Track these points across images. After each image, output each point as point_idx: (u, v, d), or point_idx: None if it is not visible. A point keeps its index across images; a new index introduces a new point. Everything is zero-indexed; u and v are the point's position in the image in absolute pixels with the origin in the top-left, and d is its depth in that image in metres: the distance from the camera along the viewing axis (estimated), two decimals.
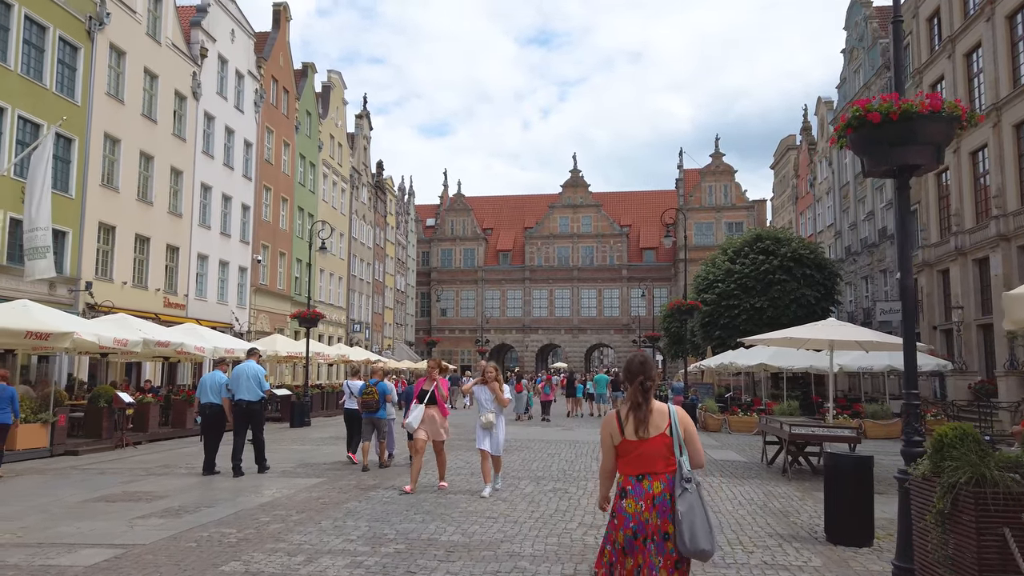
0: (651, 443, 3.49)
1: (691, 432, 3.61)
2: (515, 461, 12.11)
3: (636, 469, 3.50)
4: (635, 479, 3.49)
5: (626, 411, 3.58)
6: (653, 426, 3.51)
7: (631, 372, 3.65)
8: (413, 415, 8.90)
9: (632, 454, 3.51)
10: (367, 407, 11.18)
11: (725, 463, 12.16)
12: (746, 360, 20.38)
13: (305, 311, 20.91)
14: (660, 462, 3.49)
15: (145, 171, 26.14)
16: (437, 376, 9.30)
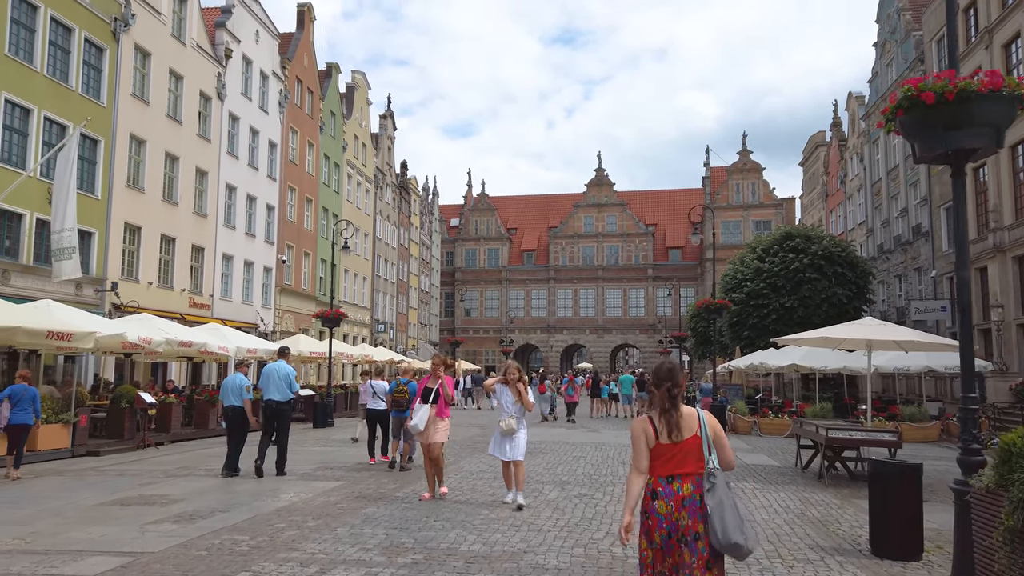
0: (684, 446, 3.63)
1: (720, 434, 3.75)
2: (539, 465, 11.80)
3: (667, 471, 3.61)
4: (665, 481, 3.60)
5: (657, 416, 3.70)
6: (686, 429, 3.66)
7: (659, 378, 3.77)
8: (418, 416, 8.38)
9: (665, 456, 3.63)
10: (398, 406, 11.13)
11: (757, 467, 11.73)
12: (777, 361, 19.85)
13: (328, 311, 20.78)
14: (690, 464, 3.62)
15: (170, 172, 26.22)
16: (442, 374, 8.73)
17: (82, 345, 11.84)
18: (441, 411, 8.54)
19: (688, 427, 3.66)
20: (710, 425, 3.73)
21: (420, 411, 8.38)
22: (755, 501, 8.48)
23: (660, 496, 3.57)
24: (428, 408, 8.38)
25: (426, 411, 8.36)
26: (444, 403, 8.56)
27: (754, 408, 19.74)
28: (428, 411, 8.37)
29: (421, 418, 8.31)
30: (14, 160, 19.13)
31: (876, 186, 36.85)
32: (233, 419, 10.78)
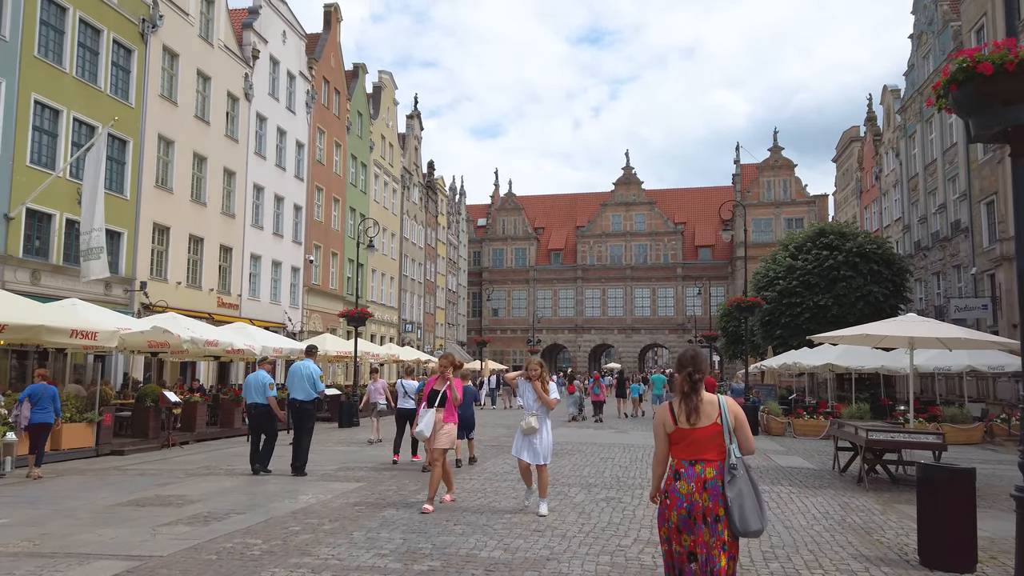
0: (703, 431, 3.71)
1: (741, 420, 3.80)
2: (565, 466, 11.49)
3: (689, 455, 3.72)
4: (688, 463, 3.71)
5: (678, 401, 3.79)
6: (704, 415, 3.73)
7: (682, 364, 3.87)
8: (424, 421, 7.71)
9: (685, 441, 3.73)
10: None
11: (793, 470, 11.28)
12: (811, 360, 19.28)
13: (353, 310, 20.65)
14: (712, 450, 3.70)
15: (198, 172, 26.36)
16: (450, 376, 8.05)
17: (107, 344, 11.80)
18: (447, 416, 7.96)
19: (707, 414, 3.75)
20: (731, 411, 3.78)
21: (426, 416, 7.76)
22: (792, 506, 8.08)
23: (683, 477, 3.70)
24: (434, 412, 7.79)
25: (432, 416, 7.77)
26: (451, 407, 7.99)
27: (788, 409, 19.19)
28: (434, 416, 7.78)
29: (427, 423, 7.72)
30: (44, 161, 19.30)
31: (913, 181, 35.89)
32: (256, 417, 10.65)
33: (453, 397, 7.90)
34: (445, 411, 7.87)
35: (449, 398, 7.89)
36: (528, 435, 7.56)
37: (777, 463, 12.32)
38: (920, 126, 34.40)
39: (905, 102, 36.34)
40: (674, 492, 3.69)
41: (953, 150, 30.61)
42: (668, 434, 3.80)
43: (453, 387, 7.91)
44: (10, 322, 10.13)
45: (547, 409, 7.74)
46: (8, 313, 10.36)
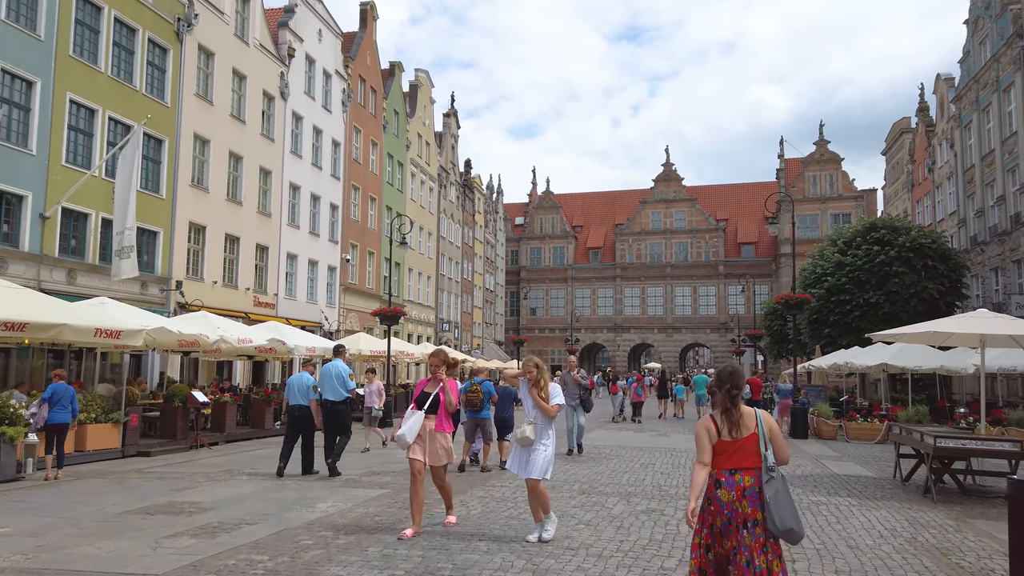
0: (744, 442, 4.00)
1: (776, 432, 4.12)
2: (603, 473, 10.87)
3: (730, 464, 3.98)
4: (728, 472, 3.97)
5: (720, 415, 4.09)
6: (744, 427, 4.03)
7: (721, 381, 4.16)
8: (407, 425, 6.47)
9: (727, 452, 4.00)
10: (471, 406, 10.90)
11: (851, 479, 10.49)
12: (864, 360, 18.29)
13: (386, 308, 20.29)
14: (750, 458, 3.97)
15: (234, 171, 26.31)
16: (443, 376, 6.77)
17: (132, 342, 11.55)
18: (441, 424, 6.66)
19: (747, 426, 4.05)
20: (767, 423, 4.11)
21: (411, 419, 6.51)
22: (854, 521, 7.31)
23: (723, 486, 3.96)
24: (420, 416, 6.54)
25: (418, 420, 6.51)
26: (445, 413, 6.69)
27: (839, 411, 18.21)
28: (420, 420, 6.53)
29: (411, 427, 6.45)
30: (80, 160, 19.32)
31: (968, 173, 34.28)
32: (300, 419, 10.67)
33: (448, 402, 6.67)
34: (437, 418, 6.66)
35: (443, 402, 6.66)
36: (524, 446, 6.45)
37: (832, 470, 11.53)
38: (977, 115, 32.82)
39: (960, 90, 34.73)
40: (716, 500, 3.95)
41: (1013, 139, 29.09)
42: (713, 445, 4.07)
43: (447, 389, 6.69)
44: (31, 320, 9.90)
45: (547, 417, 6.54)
46: (30, 311, 10.15)
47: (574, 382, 12.91)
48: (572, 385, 12.80)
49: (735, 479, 3.92)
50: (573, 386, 12.80)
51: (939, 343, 10.37)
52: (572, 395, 12.64)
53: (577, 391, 12.85)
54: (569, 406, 12.75)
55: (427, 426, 6.56)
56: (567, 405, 12.49)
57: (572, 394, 12.64)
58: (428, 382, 6.90)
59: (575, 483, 9.71)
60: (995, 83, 30.65)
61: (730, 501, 3.88)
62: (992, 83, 30.98)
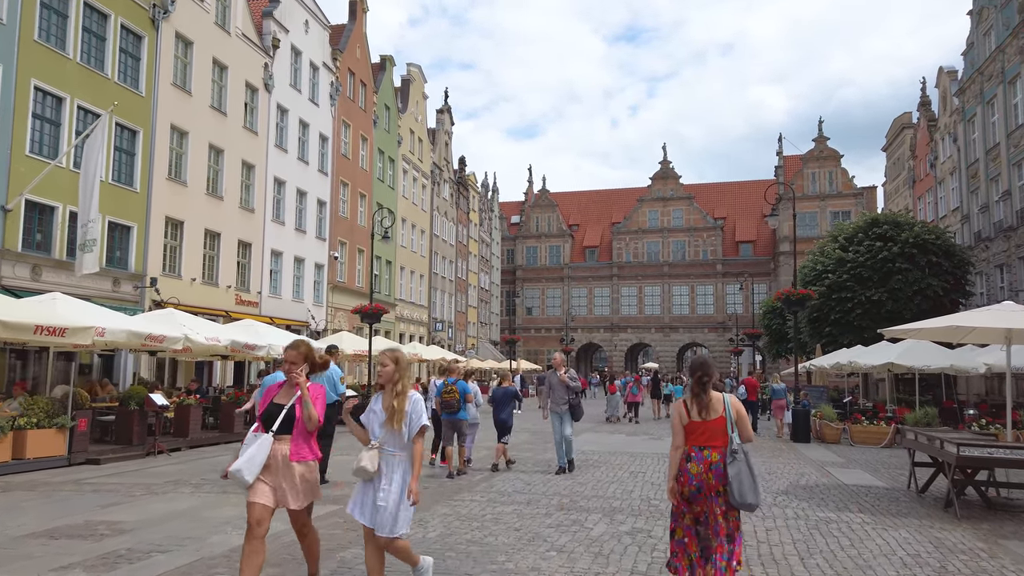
0: (712, 423, 4.53)
1: (742, 415, 4.60)
2: (587, 483, 9.93)
3: (699, 442, 4.52)
4: (698, 449, 4.51)
5: (691, 399, 4.60)
6: (712, 410, 4.54)
7: (693, 370, 4.69)
8: (247, 455, 4.44)
9: (697, 431, 4.54)
10: (447, 408, 10.63)
11: (861, 490, 9.57)
12: (868, 359, 17.41)
13: (367, 306, 19.38)
14: (718, 438, 4.50)
15: (215, 164, 25.41)
16: (302, 378, 4.66)
17: (79, 340, 10.64)
18: (300, 448, 4.58)
19: (715, 409, 4.53)
20: (733, 407, 4.57)
21: (253, 445, 4.48)
22: (871, 545, 6.34)
23: (693, 460, 4.47)
24: (268, 440, 4.49)
25: (263, 446, 4.47)
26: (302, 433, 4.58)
27: (843, 413, 17.33)
28: (266, 446, 4.49)
29: (251, 459, 4.43)
30: (46, 151, 18.43)
31: (972, 168, 33.44)
32: None
33: (306, 416, 4.55)
34: (293, 440, 4.56)
35: (299, 418, 4.56)
36: (365, 480, 4.51)
37: (839, 479, 10.62)
38: (981, 108, 31.99)
39: (964, 83, 33.90)
40: (686, 472, 4.45)
41: (1019, 132, 28.26)
42: (684, 426, 4.56)
43: (307, 399, 4.55)
44: None
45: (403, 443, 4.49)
46: None
47: (561, 384, 10.85)
48: (559, 388, 10.89)
49: (703, 455, 4.45)
50: (560, 389, 10.86)
51: (958, 339, 9.50)
52: (559, 400, 10.85)
53: (565, 395, 10.82)
54: (555, 414, 10.96)
55: (278, 453, 4.50)
56: (553, 413, 10.94)
57: (559, 399, 10.85)
58: (278, 388, 4.78)
59: (554, 496, 8.80)
60: (1000, 75, 29.82)
61: (699, 473, 4.40)
62: (997, 75, 30.15)
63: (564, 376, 10.82)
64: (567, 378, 10.81)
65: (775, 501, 8.48)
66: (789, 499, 8.66)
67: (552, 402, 10.93)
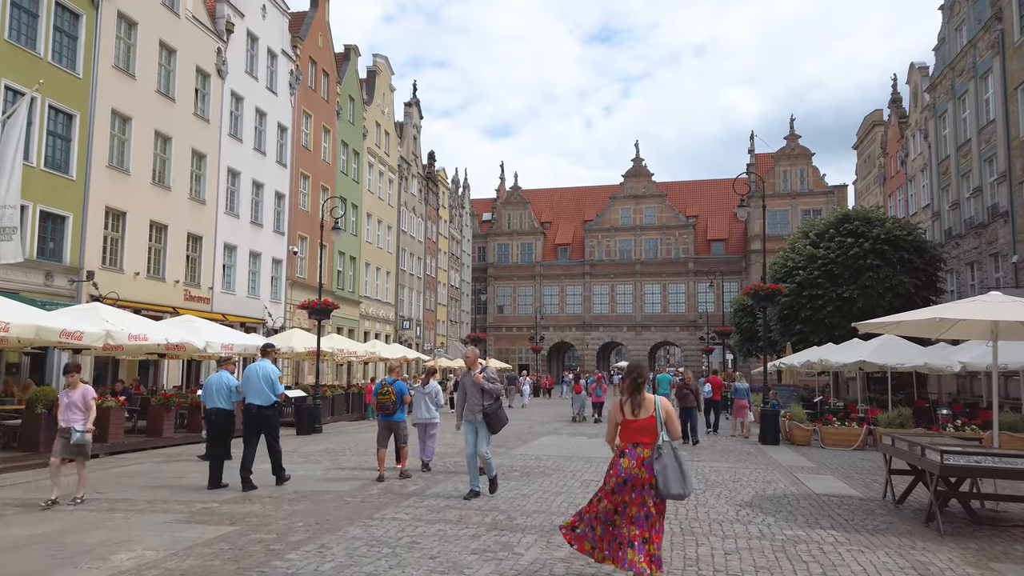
0: (644, 422, 5.13)
1: (671, 415, 5.22)
2: (531, 495, 8.95)
3: (632, 439, 5.13)
4: (631, 445, 5.11)
5: (626, 398, 5.23)
6: (644, 409, 5.16)
7: (628, 372, 5.32)
8: None
9: (630, 428, 5.16)
10: (383, 409, 10.17)
11: (833, 500, 8.71)
12: (840, 357, 16.71)
13: (315, 301, 18.28)
14: (648, 435, 5.09)
15: (162, 153, 24.11)
16: None
17: None
18: None
19: (646, 408, 5.18)
20: (663, 407, 5.20)
21: None
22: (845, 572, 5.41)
23: (626, 455, 5.10)
24: None
25: None
26: None
27: (813, 414, 16.59)
28: None
29: None
30: None
31: (943, 165, 33.13)
32: (218, 423, 9.74)
33: None
34: None
35: None
36: None
37: (809, 488, 9.74)
38: (952, 104, 31.65)
39: (935, 79, 33.57)
40: (617, 466, 5.10)
41: (990, 128, 27.90)
42: (618, 423, 5.28)
43: None
44: None
45: None
46: None
47: (475, 387, 8.51)
48: (472, 392, 8.56)
49: (636, 451, 4.97)
50: (475, 393, 8.50)
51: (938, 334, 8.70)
52: (473, 407, 8.51)
53: (480, 401, 8.45)
54: (468, 424, 8.62)
55: None
56: (465, 422, 8.68)
57: (473, 406, 8.51)
58: None
59: (490, 512, 7.74)
60: (972, 70, 29.47)
61: (629, 467, 4.91)
62: (968, 70, 29.80)
63: (479, 376, 8.52)
64: (483, 379, 8.51)
65: (738, 516, 7.64)
66: (754, 513, 7.81)
67: (466, 409, 8.65)
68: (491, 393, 8.48)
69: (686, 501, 8.09)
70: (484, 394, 8.45)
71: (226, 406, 9.83)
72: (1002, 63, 26.62)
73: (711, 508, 8.04)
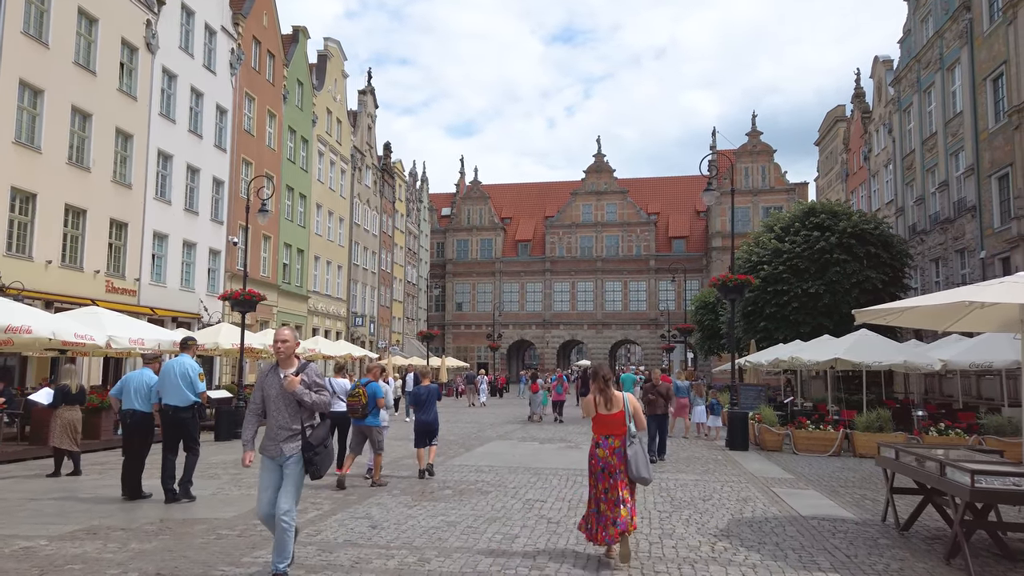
0: (614, 416, 6.00)
1: (637, 409, 6.10)
2: (461, 520, 7.34)
3: (605, 431, 6.01)
4: (604, 437, 6.01)
5: (598, 396, 6.05)
6: (614, 405, 6.02)
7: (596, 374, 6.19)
8: None
9: (604, 422, 6.02)
10: (355, 412, 9.49)
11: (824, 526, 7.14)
12: (812, 354, 15.51)
13: (237, 291, 16.45)
14: (619, 427, 5.97)
15: (80, 131, 22.00)
16: None
17: None
18: None
19: (616, 404, 6.03)
20: (631, 403, 6.04)
21: None
22: None
23: (600, 446, 6.00)
24: None
25: None
26: None
27: (783, 416, 15.36)
28: None
29: None
30: None
31: (908, 159, 32.49)
32: (134, 427, 8.79)
33: None
34: None
35: None
36: None
37: (793, 508, 8.20)
38: (917, 96, 31.00)
39: (900, 72, 32.92)
40: (595, 456, 5.99)
41: (957, 120, 27.21)
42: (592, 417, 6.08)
43: None
44: None
45: None
46: None
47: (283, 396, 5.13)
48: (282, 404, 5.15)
49: (608, 442, 5.94)
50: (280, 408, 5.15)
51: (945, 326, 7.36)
52: (279, 428, 5.15)
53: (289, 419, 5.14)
54: (268, 459, 5.17)
55: None
56: (265, 456, 5.16)
57: (279, 425, 5.15)
58: None
59: (401, 549, 6.08)
60: (938, 61, 28.78)
61: (604, 456, 5.90)
62: (935, 61, 29.11)
63: (293, 380, 5.09)
64: (299, 384, 5.10)
65: (714, 552, 6.18)
66: (734, 546, 6.37)
67: (267, 433, 5.23)
68: (314, 408, 5.20)
69: (648, 533, 6.72)
70: (301, 410, 5.15)
71: (144, 408, 8.86)
72: (970, 53, 25.91)
73: (679, 540, 6.54)
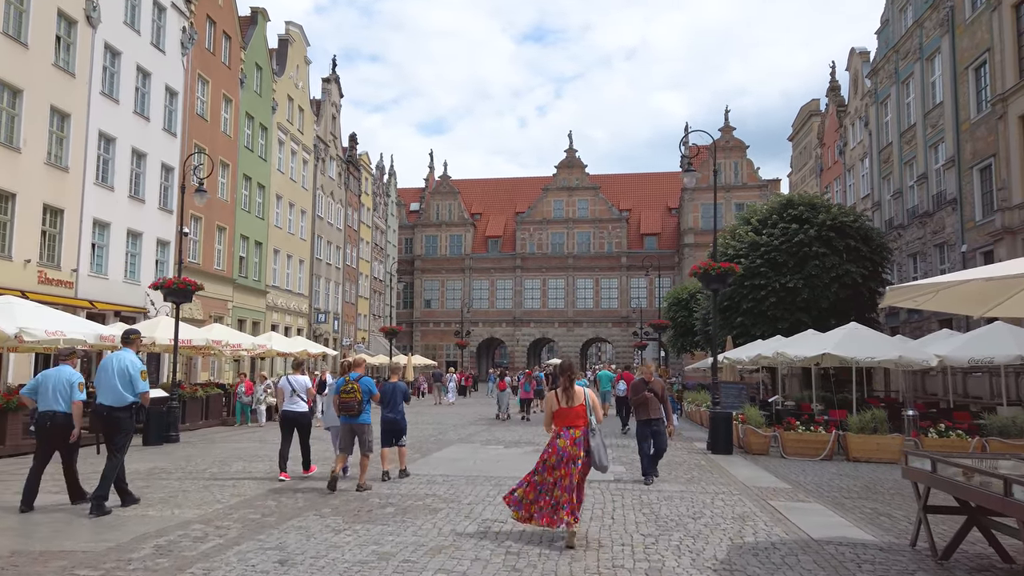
0: (576, 409, 6.43)
1: (596, 403, 6.60)
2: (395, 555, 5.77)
3: (566, 423, 6.43)
4: (566, 428, 6.41)
5: (560, 391, 6.51)
6: (576, 399, 6.46)
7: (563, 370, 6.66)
8: None
9: (565, 414, 6.44)
10: (347, 410, 8.94)
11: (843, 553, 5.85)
12: (799, 350, 14.43)
13: (170, 280, 14.89)
14: (580, 420, 6.41)
15: (10, 108, 20.22)
16: None
17: None
18: None
19: (577, 398, 6.47)
20: (591, 397, 6.52)
21: None
22: None
23: (562, 437, 6.38)
24: None
25: None
26: None
27: (769, 417, 14.24)
28: None
29: None
30: None
31: (885, 152, 31.81)
32: (52, 430, 7.87)
33: None
34: None
35: None
36: None
37: (800, 528, 6.91)
38: (895, 88, 30.29)
39: (877, 63, 32.22)
40: (555, 446, 6.36)
41: (937, 111, 26.49)
42: (554, 411, 6.53)
43: None
44: None
45: None
46: None
47: None
48: None
49: (569, 432, 6.33)
50: None
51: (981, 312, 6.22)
52: None
53: None
54: None
55: None
56: None
57: None
58: None
59: None
60: (917, 51, 28.06)
61: (565, 446, 6.26)
62: (914, 51, 28.39)
63: None
64: None
65: None
66: None
67: None
68: None
69: (632, 567, 5.35)
70: None
71: (64, 409, 7.94)
72: (951, 42, 25.19)
73: None
